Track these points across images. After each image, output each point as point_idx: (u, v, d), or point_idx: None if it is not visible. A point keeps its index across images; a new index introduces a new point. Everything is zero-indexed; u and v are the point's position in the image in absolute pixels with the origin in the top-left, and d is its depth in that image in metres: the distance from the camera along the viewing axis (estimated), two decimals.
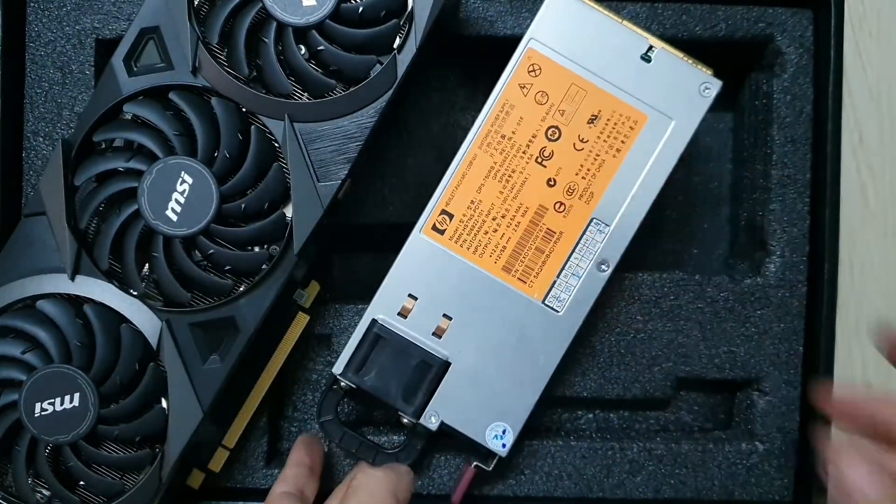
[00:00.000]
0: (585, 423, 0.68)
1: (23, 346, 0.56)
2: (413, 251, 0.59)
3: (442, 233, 0.59)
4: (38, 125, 0.64)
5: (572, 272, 0.59)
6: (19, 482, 0.57)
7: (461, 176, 0.59)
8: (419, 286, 0.59)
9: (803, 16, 0.65)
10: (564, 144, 0.58)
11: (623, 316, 0.65)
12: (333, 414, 0.61)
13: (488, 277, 0.59)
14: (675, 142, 0.58)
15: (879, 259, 0.70)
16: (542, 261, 0.59)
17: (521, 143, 0.58)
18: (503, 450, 0.59)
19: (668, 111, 0.58)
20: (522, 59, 0.58)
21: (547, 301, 0.59)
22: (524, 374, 0.59)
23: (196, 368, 0.57)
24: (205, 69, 0.56)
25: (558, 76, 0.58)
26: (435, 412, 0.59)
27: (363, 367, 0.59)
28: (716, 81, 0.58)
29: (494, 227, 0.59)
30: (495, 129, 0.58)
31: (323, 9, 0.55)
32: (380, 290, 0.59)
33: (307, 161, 0.56)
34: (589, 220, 0.59)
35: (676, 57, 0.58)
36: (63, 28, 0.64)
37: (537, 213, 0.59)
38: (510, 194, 0.59)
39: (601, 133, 0.58)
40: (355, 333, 0.59)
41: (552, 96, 0.58)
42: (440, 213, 0.59)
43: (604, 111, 0.58)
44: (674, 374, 0.65)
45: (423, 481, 0.64)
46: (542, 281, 0.59)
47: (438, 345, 0.59)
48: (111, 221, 0.56)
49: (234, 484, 0.64)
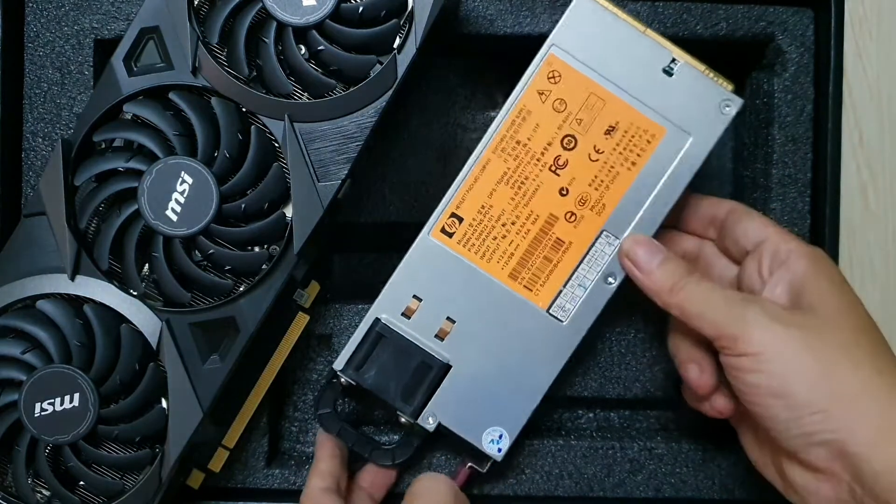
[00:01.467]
0: (586, 422, 0.68)
1: (23, 346, 0.56)
2: (420, 253, 0.59)
3: (451, 236, 0.59)
4: (37, 126, 0.64)
5: (579, 283, 0.58)
6: (19, 482, 0.57)
7: (473, 180, 0.58)
8: (424, 288, 0.59)
9: (804, 15, 0.65)
10: (580, 154, 0.58)
11: (624, 315, 0.65)
12: (331, 407, 0.61)
13: (494, 283, 0.59)
14: (691, 158, 0.57)
15: (879, 259, 0.70)
16: (549, 270, 0.58)
17: (535, 150, 0.58)
18: (499, 454, 0.59)
19: (687, 127, 0.57)
20: (542, 66, 0.57)
21: (552, 310, 0.59)
22: (524, 381, 0.59)
23: (196, 368, 0.57)
24: (205, 69, 0.56)
25: (578, 84, 0.57)
26: (433, 413, 0.59)
27: (364, 365, 0.59)
28: (737, 100, 0.57)
29: (504, 233, 0.58)
30: (510, 135, 0.58)
31: (323, 9, 0.55)
32: (385, 290, 0.59)
33: (307, 161, 0.56)
34: (599, 232, 0.58)
35: (698, 71, 0.57)
36: (62, 28, 0.64)
37: (547, 222, 0.58)
38: (521, 201, 0.58)
39: (617, 145, 0.58)
40: (358, 331, 0.59)
41: (570, 104, 0.58)
42: (450, 215, 0.58)
43: (622, 123, 0.57)
44: (674, 373, 0.65)
45: None
46: (548, 290, 0.59)
47: (440, 347, 0.59)
48: (111, 221, 0.56)
49: (234, 484, 0.64)
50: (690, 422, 0.67)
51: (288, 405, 0.67)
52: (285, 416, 0.67)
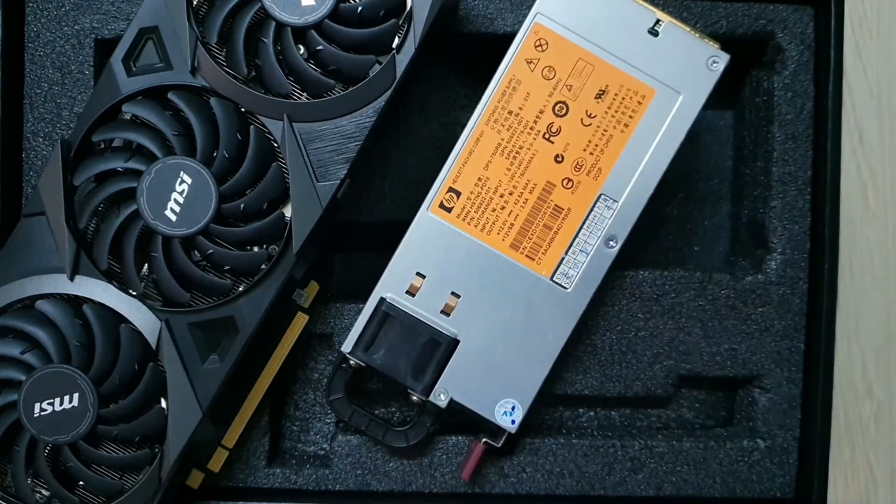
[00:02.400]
0: (587, 420, 0.68)
1: (22, 347, 0.56)
2: (420, 229, 0.59)
3: (449, 210, 0.59)
4: (37, 125, 0.64)
5: (580, 249, 0.59)
6: (19, 482, 0.57)
7: (468, 153, 0.59)
8: (427, 264, 0.59)
9: (804, 12, 0.64)
10: (572, 120, 0.58)
11: (624, 314, 0.65)
12: (343, 392, 0.61)
13: (496, 255, 0.59)
14: (683, 116, 0.58)
15: (879, 259, 0.70)
16: (549, 238, 0.59)
17: (528, 119, 0.58)
18: (512, 426, 0.60)
19: (676, 85, 0.58)
20: (529, 34, 0.58)
21: (555, 278, 0.59)
22: (533, 351, 0.59)
23: (195, 368, 0.57)
24: (204, 69, 0.56)
25: (565, 51, 0.58)
26: (444, 389, 0.59)
27: (372, 346, 0.59)
28: (723, 55, 0.58)
29: (502, 204, 0.59)
30: (502, 106, 0.58)
31: (322, 8, 0.55)
32: (388, 269, 0.59)
33: (306, 161, 0.56)
34: (597, 197, 0.59)
35: (684, 31, 0.58)
36: (62, 28, 0.64)
37: (545, 190, 0.59)
38: (518, 171, 0.59)
39: (609, 108, 0.58)
40: (363, 312, 0.59)
41: (559, 71, 0.58)
42: (447, 190, 0.59)
43: (611, 86, 0.58)
44: (675, 371, 0.65)
45: (424, 479, 0.64)
46: (551, 258, 0.59)
47: (447, 322, 0.59)
48: (110, 221, 0.56)
49: (235, 483, 0.64)
50: (691, 420, 0.67)
51: (289, 404, 0.67)
52: (286, 416, 0.67)
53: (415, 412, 0.63)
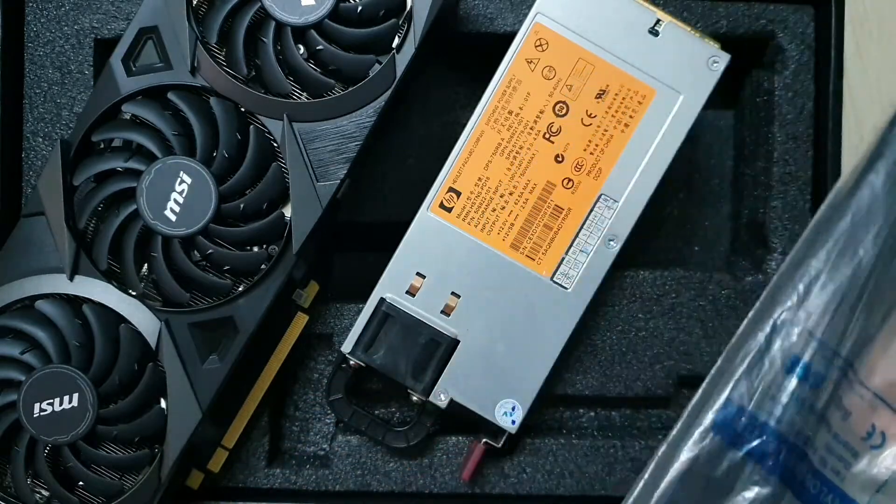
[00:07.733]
0: (587, 421, 0.68)
1: (22, 347, 0.56)
2: (421, 229, 0.59)
3: (449, 210, 0.59)
4: (37, 125, 0.64)
5: (581, 249, 0.59)
6: (18, 482, 0.57)
7: (468, 153, 0.59)
8: (427, 264, 0.59)
9: (804, 13, 0.64)
10: (572, 120, 0.58)
11: (624, 314, 0.65)
12: (343, 392, 0.61)
13: (496, 255, 0.59)
14: (683, 116, 0.58)
15: None
16: (550, 238, 0.59)
17: (528, 119, 0.58)
18: (513, 426, 0.60)
19: (677, 85, 0.58)
20: (529, 34, 0.58)
21: (555, 278, 0.59)
22: (533, 352, 0.59)
23: (195, 368, 0.57)
24: (203, 69, 0.56)
25: (566, 51, 0.58)
26: (444, 390, 0.59)
27: (372, 346, 0.59)
28: (724, 55, 0.58)
29: (502, 204, 0.59)
30: (502, 106, 0.58)
31: (322, 8, 0.55)
32: (388, 269, 0.59)
33: (306, 161, 0.56)
34: (597, 196, 0.59)
35: (684, 31, 0.58)
36: (62, 28, 0.64)
37: (545, 190, 0.59)
38: (518, 171, 0.59)
39: (609, 108, 0.58)
40: (363, 312, 0.59)
41: (559, 71, 0.58)
42: (447, 190, 0.59)
43: (612, 86, 0.58)
44: (675, 371, 0.65)
45: (424, 480, 0.64)
46: (551, 258, 0.59)
47: (447, 322, 0.59)
48: (110, 221, 0.56)
49: (235, 483, 0.64)
50: None
51: (288, 404, 0.67)
52: (286, 416, 0.67)
53: (415, 412, 0.63)
